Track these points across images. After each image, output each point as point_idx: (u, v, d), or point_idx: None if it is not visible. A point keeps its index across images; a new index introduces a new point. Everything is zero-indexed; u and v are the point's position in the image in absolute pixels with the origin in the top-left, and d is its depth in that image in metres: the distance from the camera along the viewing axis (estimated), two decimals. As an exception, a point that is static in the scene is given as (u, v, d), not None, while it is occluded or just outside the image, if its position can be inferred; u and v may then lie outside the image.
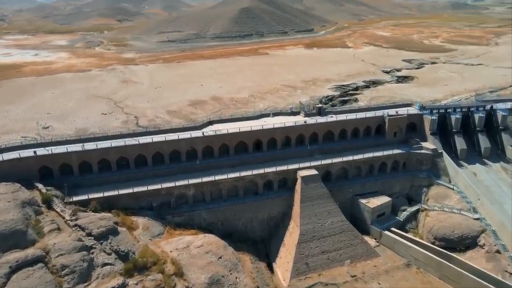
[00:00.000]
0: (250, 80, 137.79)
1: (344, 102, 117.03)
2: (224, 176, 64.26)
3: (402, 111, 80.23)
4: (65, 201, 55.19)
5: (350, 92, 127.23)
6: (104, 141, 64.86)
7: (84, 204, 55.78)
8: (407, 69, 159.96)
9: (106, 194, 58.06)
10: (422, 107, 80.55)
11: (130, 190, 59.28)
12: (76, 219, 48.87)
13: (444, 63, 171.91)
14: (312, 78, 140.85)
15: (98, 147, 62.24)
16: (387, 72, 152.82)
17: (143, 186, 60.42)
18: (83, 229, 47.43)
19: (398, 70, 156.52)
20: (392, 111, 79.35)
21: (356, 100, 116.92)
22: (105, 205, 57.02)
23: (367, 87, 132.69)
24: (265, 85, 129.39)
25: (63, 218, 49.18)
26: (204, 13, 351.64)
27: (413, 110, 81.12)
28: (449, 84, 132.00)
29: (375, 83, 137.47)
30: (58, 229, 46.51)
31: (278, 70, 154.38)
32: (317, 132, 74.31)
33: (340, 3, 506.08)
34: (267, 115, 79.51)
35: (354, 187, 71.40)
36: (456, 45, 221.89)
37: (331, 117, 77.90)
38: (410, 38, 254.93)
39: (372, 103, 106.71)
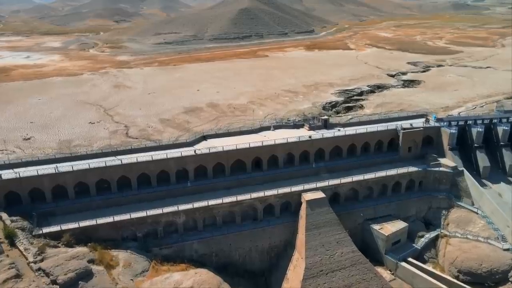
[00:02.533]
0: (249, 84, 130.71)
1: (348, 109, 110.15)
2: (218, 201, 56.75)
3: (417, 123, 72.63)
4: (33, 233, 47.50)
5: (355, 97, 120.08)
6: (82, 161, 57.22)
7: (56, 237, 48.19)
8: (412, 72, 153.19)
9: (83, 224, 50.38)
10: (439, 119, 72.93)
11: (110, 219, 51.60)
12: (41, 260, 41.19)
13: (450, 65, 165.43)
14: (314, 82, 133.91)
15: (74, 169, 54.46)
16: (392, 76, 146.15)
17: (126, 214, 52.74)
18: (47, 274, 39.67)
19: (404, 74, 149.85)
20: (406, 123, 71.67)
21: (361, 107, 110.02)
22: (81, 237, 49.50)
23: (372, 92, 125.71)
24: (265, 90, 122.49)
25: (26, 259, 41.45)
26: (202, 14, 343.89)
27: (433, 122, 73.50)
28: (459, 89, 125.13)
29: (380, 87, 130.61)
30: (17, 276, 38.71)
31: (278, 74, 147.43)
32: (323, 148, 66.98)
33: (340, 4, 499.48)
34: (267, 128, 72.02)
35: (366, 211, 63.83)
36: (461, 46, 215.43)
37: (339, 130, 70.42)
38: (413, 40, 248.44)
39: (379, 110, 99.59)
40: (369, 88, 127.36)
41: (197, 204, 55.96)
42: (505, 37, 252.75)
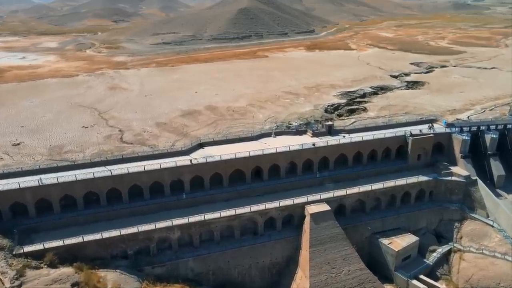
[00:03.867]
0: (249, 86, 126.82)
1: (351, 112, 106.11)
2: (216, 215, 53.13)
3: (427, 129, 68.65)
4: (13, 253, 43.64)
5: (358, 99, 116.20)
6: (69, 172, 53.34)
7: (39, 256, 44.40)
8: (416, 73, 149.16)
9: (68, 241, 46.63)
10: (450, 124, 69.00)
11: (98, 236, 47.80)
12: (19, 285, 37.37)
13: (454, 66, 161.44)
14: (315, 83, 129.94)
15: (59, 181, 50.56)
16: (395, 77, 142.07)
17: (116, 230, 49.00)
18: (25, 303, 35.89)
19: (407, 75, 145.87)
20: (414, 129, 67.71)
21: (364, 110, 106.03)
22: (66, 255, 45.80)
23: (375, 93, 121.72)
24: (265, 92, 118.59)
25: (3, 284, 37.57)
26: (201, 14, 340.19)
27: (439, 128, 69.43)
28: (465, 90, 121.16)
29: (383, 89, 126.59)
30: (-10, 305, 35.03)
31: (279, 75, 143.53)
32: (327, 157, 63.23)
33: (340, 3, 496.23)
34: (268, 135, 68.15)
35: (373, 223, 60.14)
36: (464, 46, 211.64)
37: (344, 137, 66.58)
38: (415, 40, 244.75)
39: (383, 114, 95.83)
40: (372, 90, 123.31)
41: (193, 218, 52.43)
42: (508, 37, 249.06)
